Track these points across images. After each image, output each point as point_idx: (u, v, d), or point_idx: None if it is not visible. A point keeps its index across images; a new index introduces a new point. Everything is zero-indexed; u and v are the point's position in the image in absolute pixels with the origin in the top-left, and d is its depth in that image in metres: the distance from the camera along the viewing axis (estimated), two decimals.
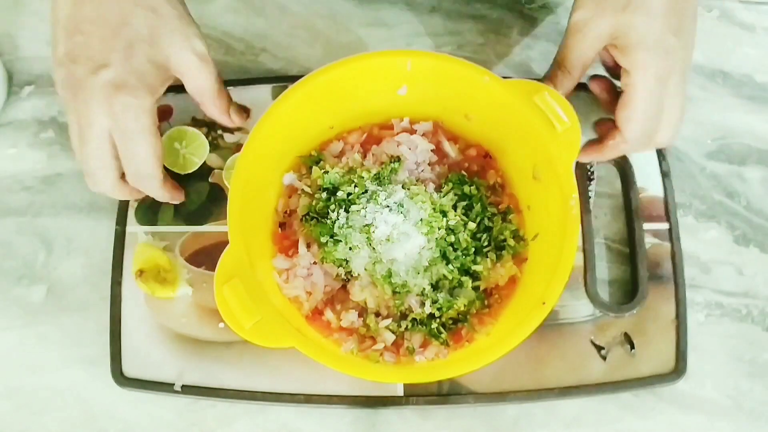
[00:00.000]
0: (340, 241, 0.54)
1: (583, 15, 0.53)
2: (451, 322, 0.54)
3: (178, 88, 0.65)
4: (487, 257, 0.56)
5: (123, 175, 0.53)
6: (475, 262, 0.55)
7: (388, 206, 0.54)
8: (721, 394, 0.56)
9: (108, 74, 0.49)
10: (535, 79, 0.57)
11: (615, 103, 0.55)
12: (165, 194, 0.56)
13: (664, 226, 0.60)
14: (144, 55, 0.50)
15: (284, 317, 0.51)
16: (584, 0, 0.53)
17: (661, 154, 0.62)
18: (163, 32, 0.51)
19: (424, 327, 0.54)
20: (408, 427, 0.55)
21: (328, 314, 0.55)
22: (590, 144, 0.58)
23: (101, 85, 0.49)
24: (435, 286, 0.55)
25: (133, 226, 0.60)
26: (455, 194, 0.57)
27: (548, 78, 0.58)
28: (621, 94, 0.54)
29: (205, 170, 0.62)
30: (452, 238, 0.55)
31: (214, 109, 0.56)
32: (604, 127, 0.58)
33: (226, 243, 0.52)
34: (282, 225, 0.59)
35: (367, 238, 0.54)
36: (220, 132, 0.64)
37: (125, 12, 0.50)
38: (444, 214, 0.55)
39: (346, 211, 0.55)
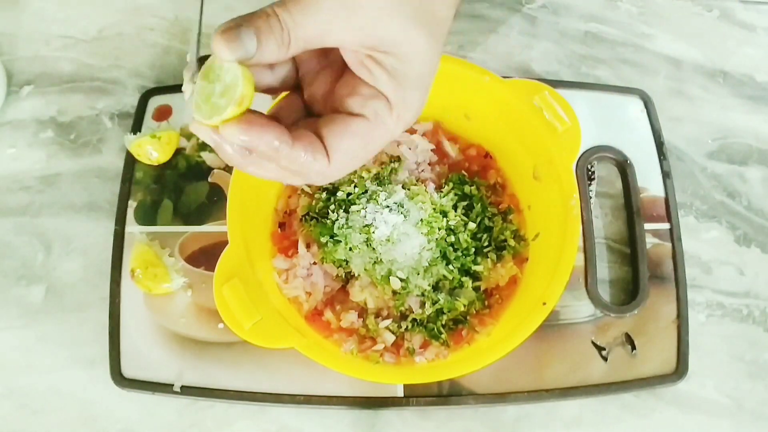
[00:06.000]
0: (340, 241, 0.54)
1: None
2: (451, 322, 0.54)
3: (178, 87, 0.65)
4: (488, 257, 0.55)
5: None
6: (475, 263, 0.55)
7: (388, 206, 0.54)
8: (722, 395, 0.56)
9: None
10: (535, 79, 0.57)
11: None
12: None
13: (665, 226, 0.60)
14: None
15: (284, 318, 0.51)
16: None
17: (662, 153, 0.62)
18: None
19: (425, 328, 0.54)
20: (408, 428, 0.55)
21: (328, 315, 0.55)
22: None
23: None
24: (435, 287, 0.55)
25: (132, 226, 0.60)
26: (455, 194, 0.57)
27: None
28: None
29: (205, 170, 0.62)
30: (452, 239, 0.55)
31: None
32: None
33: (226, 243, 0.52)
34: (282, 225, 0.58)
35: (367, 238, 0.54)
36: None
37: None
38: (444, 214, 0.55)
39: (346, 211, 0.55)
